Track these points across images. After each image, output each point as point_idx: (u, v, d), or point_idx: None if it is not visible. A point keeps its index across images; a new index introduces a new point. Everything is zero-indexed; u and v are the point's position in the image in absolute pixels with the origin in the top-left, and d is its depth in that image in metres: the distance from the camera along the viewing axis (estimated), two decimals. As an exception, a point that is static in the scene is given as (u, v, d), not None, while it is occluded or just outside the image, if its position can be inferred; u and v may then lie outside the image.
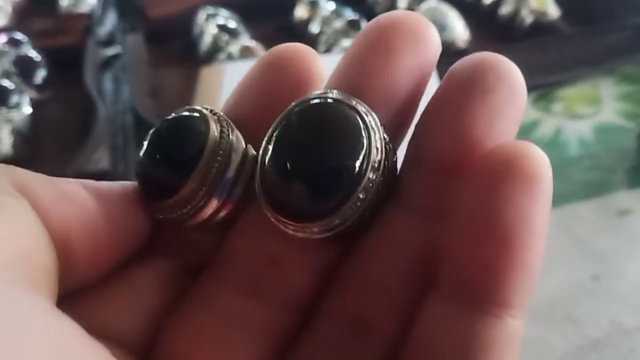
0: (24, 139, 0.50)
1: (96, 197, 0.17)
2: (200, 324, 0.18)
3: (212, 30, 0.57)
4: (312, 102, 0.17)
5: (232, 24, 0.58)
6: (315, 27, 0.59)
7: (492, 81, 0.16)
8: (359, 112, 0.17)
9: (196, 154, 0.17)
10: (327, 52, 0.56)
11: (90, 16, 0.65)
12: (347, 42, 0.54)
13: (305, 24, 0.61)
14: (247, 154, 0.18)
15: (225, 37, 0.56)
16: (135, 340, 0.18)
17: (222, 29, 0.57)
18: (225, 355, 0.18)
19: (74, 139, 0.48)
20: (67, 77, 0.55)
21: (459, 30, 0.56)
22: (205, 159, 0.17)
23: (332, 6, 0.59)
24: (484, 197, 0.15)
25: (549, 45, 0.55)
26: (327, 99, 0.17)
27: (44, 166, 0.47)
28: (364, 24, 0.56)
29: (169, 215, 0.18)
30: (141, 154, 0.18)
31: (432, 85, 0.18)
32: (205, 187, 0.17)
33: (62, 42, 0.61)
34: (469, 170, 0.16)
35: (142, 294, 0.18)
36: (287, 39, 0.61)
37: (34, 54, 0.56)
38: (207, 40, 0.57)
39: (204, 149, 0.17)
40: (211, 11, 0.60)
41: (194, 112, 0.18)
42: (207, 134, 0.17)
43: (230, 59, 0.54)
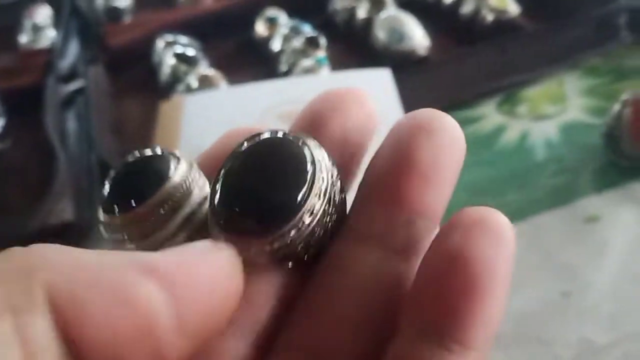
0: (-17, 190, 0.50)
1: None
2: None
3: (170, 60, 0.56)
4: (261, 137, 0.18)
5: (190, 52, 0.57)
6: (276, 45, 0.58)
7: (436, 127, 0.18)
8: (307, 145, 0.18)
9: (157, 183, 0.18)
10: (287, 72, 0.55)
11: (50, 51, 0.64)
12: (306, 62, 0.54)
13: (265, 41, 0.60)
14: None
15: (183, 67, 0.56)
16: None
17: (180, 58, 0.56)
18: None
19: (37, 187, 0.47)
20: (27, 121, 0.55)
21: (418, 37, 0.55)
22: (163, 191, 0.18)
23: (290, 22, 0.59)
24: (454, 243, 0.16)
25: (509, 45, 0.55)
26: (277, 133, 0.18)
27: (5, 218, 0.46)
28: (322, 41, 0.56)
29: (115, 232, 0.18)
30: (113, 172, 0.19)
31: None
32: (153, 217, 0.18)
33: (21, 83, 0.60)
34: (426, 210, 0.18)
35: None
36: (249, 57, 0.62)
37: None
38: (166, 71, 0.56)
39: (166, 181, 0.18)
40: (170, 39, 0.60)
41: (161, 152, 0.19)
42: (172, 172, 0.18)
43: (189, 89, 0.53)
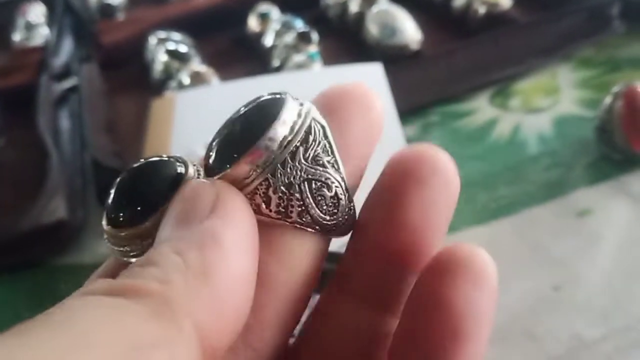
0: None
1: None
2: None
3: (162, 57, 0.56)
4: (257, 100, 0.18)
5: (182, 48, 0.57)
6: (268, 40, 0.58)
7: (427, 174, 0.18)
8: (294, 99, 0.18)
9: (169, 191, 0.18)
10: (279, 67, 0.55)
11: (43, 49, 0.64)
12: (298, 57, 0.53)
13: (258, 36, 0.60)
14: None
15: (175, 64, 0.56)
16: None
17: (173, 55, 0.56)
18: None
19: (30, 185, 0.47)
20: (21, 119, 0.55)
21: (411, 32, 0.55)
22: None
23: (282, 18, 0.59)
24: (436, 288, 0.16)
25: (501, 37, 0.55)
26: (275, 95, 0.18)
27: (-1, 217, 0.46)
28: (314, 37, 0.55)
29: (119, 245, 0.18)
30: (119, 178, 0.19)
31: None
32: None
33: (15, 81, 0.60)
34: (415, 264, 0.17)
35: None
36: (241, 53, 0.61)
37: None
38: (158, 67, 0.56)
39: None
40: (162, 35, 0.60)
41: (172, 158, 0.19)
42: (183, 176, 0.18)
43: (181, 86, 0.53)
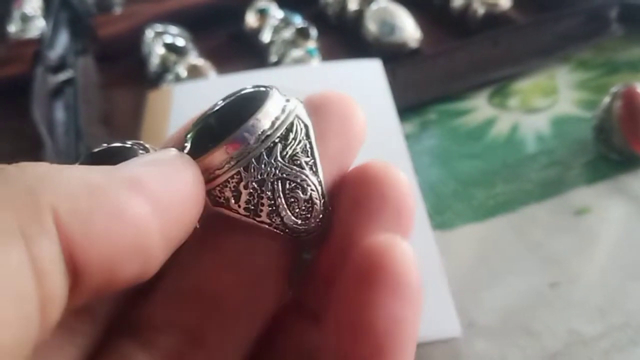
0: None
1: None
2: None
3: (159, 50, 0.56)
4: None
5: (180, 42, 0.57)
6: (266, 36, 0.58)
7: (379, 201, 0.17)
8: (278, 91, 0.18)
9: None
10: (277, 62, 0.55)
11: (39, 41, 0.64)
12: (296, 52, 0.53)
13: (256, 32, 0.60)
14: None
15: (172, 57, 0.55)
16: None
17: (170, 48, 0.56)
18: None
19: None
20: (15, 110, 0.54)
21: (410, 30, 0.55)
22: None
23: (281, 14, 0.59)
24: (354, 303, 0.15)
25: (500, 37, 0.55)
26: (259, 87, 0.18)
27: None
28: (313, 32, 0.55)
29: None
30: None
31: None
32: None
33: (10, 72, 0.59)
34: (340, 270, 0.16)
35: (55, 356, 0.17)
36: (239, 49, 0.61)
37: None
38: (155, 61, 0.56)
39: None
40: (159, 29, 0.59)
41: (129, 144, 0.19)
42: None
43: (178, 79, 0.53)
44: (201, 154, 0.17)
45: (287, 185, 0.17)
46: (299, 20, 0.57)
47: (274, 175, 0.17)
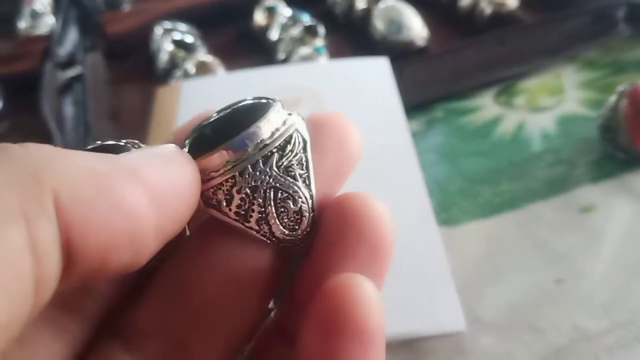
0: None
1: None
2: None
3: (168, 47, 0.56)
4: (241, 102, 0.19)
5: (188, 39, 0.57)
6: (274, 34, 0.58)
7: (354, 238, 0.17)
8: (280, 104, 0.18)
9: None
10: (285, 60, 0.55)
11: (48, 37, 0.64)
12: (304, 50, 0.54)
13: (264, 30, 0.60)
14: None
15: (181, 53, 0.56)
16: None
17: (178, 44, 0.56)
18: None
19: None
20: (25, 105, 0.55)
21: (417, 28, 0.55)
22: None
23: (289, 12, 0.59)
24: (320, 351, 0.15)
25: (507, 37, 0.55)
26: (260, 99, 0.19)
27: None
28: (321, 30, 0.56)
29: None
30: None
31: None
32: None
33: (20, 68, 0.60)
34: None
35: (39, 356, 0.17)
36: (247, 46, 0.62)
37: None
38: (163, 57, 0.56)
39: None
40: (168, 26, 0.60)
41: (123, 142, 0.19)
42: None
43: (186, 75, 0.53)
44: (200, 155, 0.17)
45: (279, 194, 0.17)
46: (306, 18, 0.58)
47: (267, 183, 0.17)
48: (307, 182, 0.18)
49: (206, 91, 0.49)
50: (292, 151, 0.17)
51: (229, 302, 0.18)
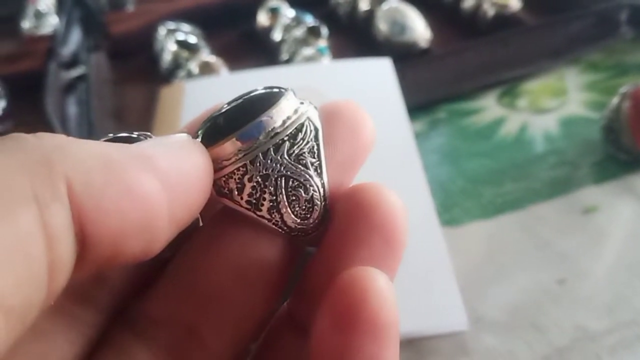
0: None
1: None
2: None
3: (171, 47, 0.56)
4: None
5: (192, 39, 0.58)
6: (277, 35, 0.58)
7: (367, 230, 0.17)
8: (293, 92, 0.18)
9: None
10: (288, 61, 0.55)
11: (52, 37, 0.64)
12: (307, 51, 0.54)
13: (267, 31, 0.61)
14: None
15: (185, 53, 0.56)
16: None
17: (182, 45, 0.57)
18: None
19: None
20: (29, 104, 0.55)
21: (420, 30, 0.55)
22: None
23: (292, 13, 0.59)
24: (333, 347, 0.15)
25: (510, 38, 0.55)
26: (272, 89, 0.19)
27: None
28: (324, 31, 0.56)
29: None
30: None
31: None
32: None
33: (23, 67, 0.60)
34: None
35: (55, 345, 0.17)
36: (250, 47, 0.62)
37: (-6, 85, 0.55)
38: (167, 57, 0.57)
39: None
40: (172, 26, 0.60)
41: (135, 134, 0.19)
42: None
43: (190, 75, 0.53)
44: (210, 143, 0.17)
45: (290, 183, 0.17)
46: (310, 19, 0.58)
47: (279, 171, 0.17)
48: (318, 171, 0.18)
49: (209, 91, 0.49)
50: (303, 139, 0.17)
51: (240, 291, 0.18)
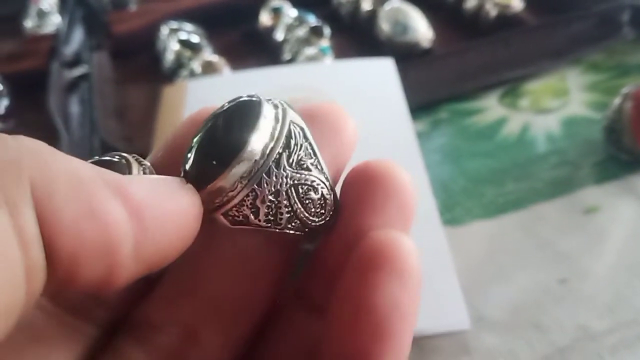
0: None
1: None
2: None
3: (174, 46, 0.57)
4: (236, 101, 0.18)
5: (194, 39, 0.58)
6: (279, 35, 0.59)
7: (382, 197, 0.18)
8: (271, 103, 0.18)
9: None
10: (291, 60, 0.55)
11: (55, 36, 0.65)
12: (310, 50, 0.54)
13: (269, 31, 0.61)
14: None
15: (187, 53, 0.56)
16: None
17: (185, 44, 0.57)
18: None
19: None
20: (31, 103, 0.55)
21: (423, 30, 0.55)
22: None
23: (294, 13, 0.59)
24: (358, 287, 0.16)
25: (512, 39, 0.55)
26: (252, 97, 0.18)
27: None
28: (326, 31, 0.56)
29: None
30: None
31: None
32: None
33: (26, 66, 0.60)
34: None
35: (55, 351, 0.17)
36: (253, 47, 0.62)
37: (-4, 83, 0.55)
38: (170, 56, 0.57)
39: None
40: (174, 26, 0.60)
41: (118, 157, 0.19)
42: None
43: (192, 75, 0.53)
44: (207, 172, 0.17)
45: (300, 190, 0.18)
46: (312, 19, 0.58)
47: (287, 184, 0.17)
48: (319, 167, 0.18)
49: (212, 91, 0.49)
50: (296, 144, 0.17)
51: (238, 292, 0.18)
